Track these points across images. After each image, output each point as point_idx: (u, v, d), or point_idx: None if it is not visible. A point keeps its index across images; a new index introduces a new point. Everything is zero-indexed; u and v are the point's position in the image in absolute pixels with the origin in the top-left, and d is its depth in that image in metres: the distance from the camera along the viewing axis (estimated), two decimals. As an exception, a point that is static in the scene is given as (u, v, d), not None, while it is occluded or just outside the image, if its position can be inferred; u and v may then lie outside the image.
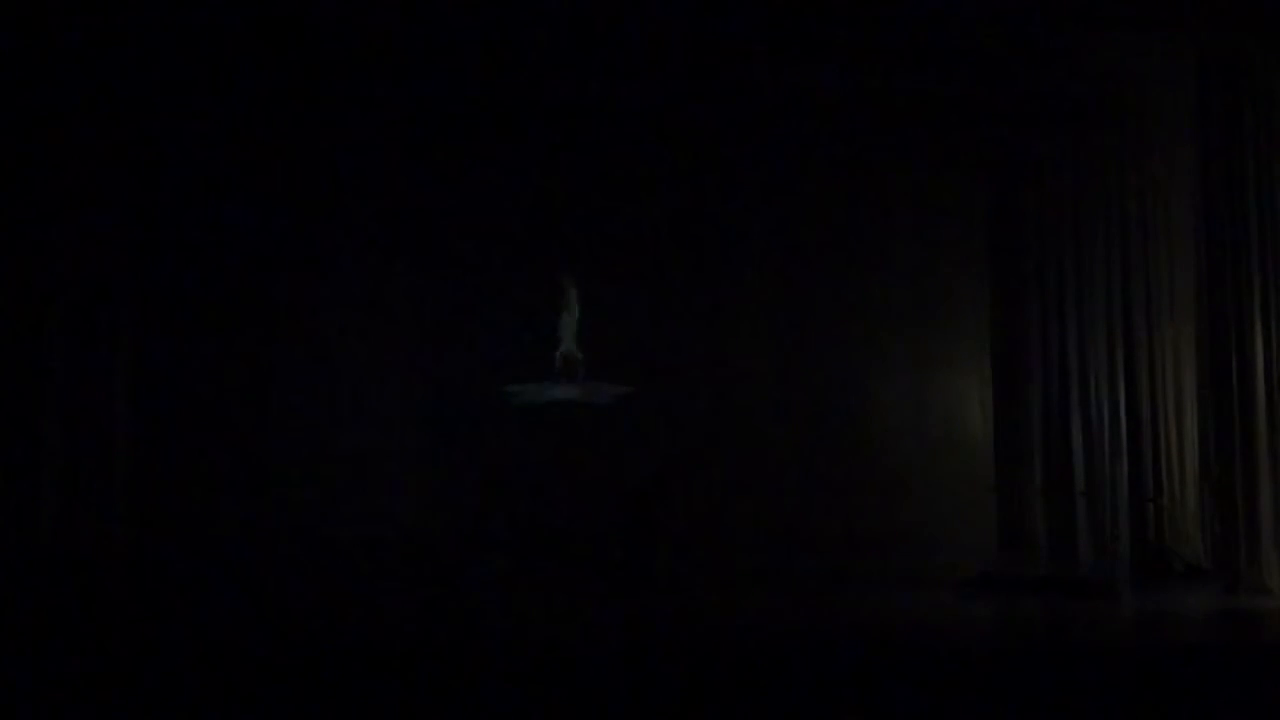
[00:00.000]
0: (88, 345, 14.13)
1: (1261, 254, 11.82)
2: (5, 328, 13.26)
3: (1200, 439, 12.77)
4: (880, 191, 17.43)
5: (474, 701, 8.00)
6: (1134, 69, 13.92)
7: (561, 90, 15.36)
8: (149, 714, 7.86)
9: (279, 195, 16.90)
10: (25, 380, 13.35)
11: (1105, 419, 14.73)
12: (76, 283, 14.01)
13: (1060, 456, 15.44)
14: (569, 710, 7.84)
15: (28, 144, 13.28)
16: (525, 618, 11.17)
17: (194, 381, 16.32)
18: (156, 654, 9.26)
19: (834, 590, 13.01)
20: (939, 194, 17.40)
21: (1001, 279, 16.98)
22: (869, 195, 17.42)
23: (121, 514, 14.68)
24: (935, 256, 17.47)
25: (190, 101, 14.97)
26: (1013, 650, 9.79)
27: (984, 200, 17.31)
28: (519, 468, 16.59)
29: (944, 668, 8.74)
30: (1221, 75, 12.18)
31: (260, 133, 16.05)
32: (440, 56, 14.20)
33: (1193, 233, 12.75)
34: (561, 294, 15.65)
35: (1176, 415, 13.78)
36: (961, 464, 16.93)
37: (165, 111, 15.03)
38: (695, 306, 17.42)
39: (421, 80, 14.93)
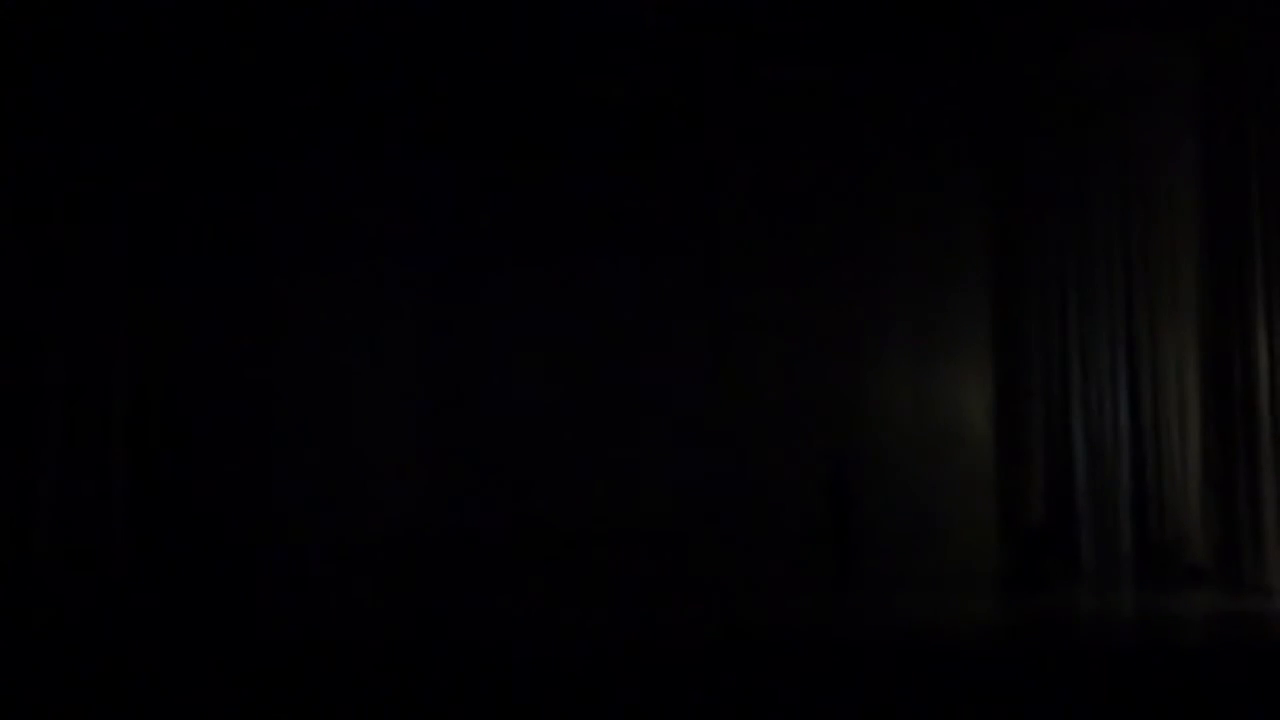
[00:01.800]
0: (88, 346, 14.10)
1: (1264, 253, 11.80)
2: (5, 328, 13.25)
3: (1202, 439, 12.76)
4: (881, 190, 17.40)
5: (477, 701, 7.99)
6: (1134, 69, 13.91)
7: (562, 90, 15.36)
8: (151, 714, 7.85)
9: (280, 194, 16.89)
10: (25, 382, 13.33)
11: (1106, 419, 14.71)
12: (76, 283, 13.99)
13: (1061, 456, 15.42)
14: (573, 710, 7.83)
15: (28, 145, 13.28)
16: (521, 619, 11.18)
17: (194, 382, 16.31)
18: (157, 654, 9.27)
19: (834, 590, 13.00)
20: (939, 193, 17.37)
21: (1002, 279, 16.96)
22: (870, 194, 17.40)
23: (121, 516, 14.63)
24: (935, 255, 17.45)
25: (191, 100, 14.97)
26: (1013, 650, 9.80)
27: (985, 199, 17.29)
28: (519, 466, 16.61)
29: (944, 668, 8.74)
30: (1223, 74, 12.16)
31: (260, 129, 16.05)
32: (441, 56, 14.21)
33: (1193, 233, 12.74)
34: None
35: (1178, 415, 13.76)
36: (962, 463, 16.91)
37: (165, 110, 15.02)
38: (695, 306, 17.40)
39: (422, 79, 14.94)
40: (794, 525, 16.26)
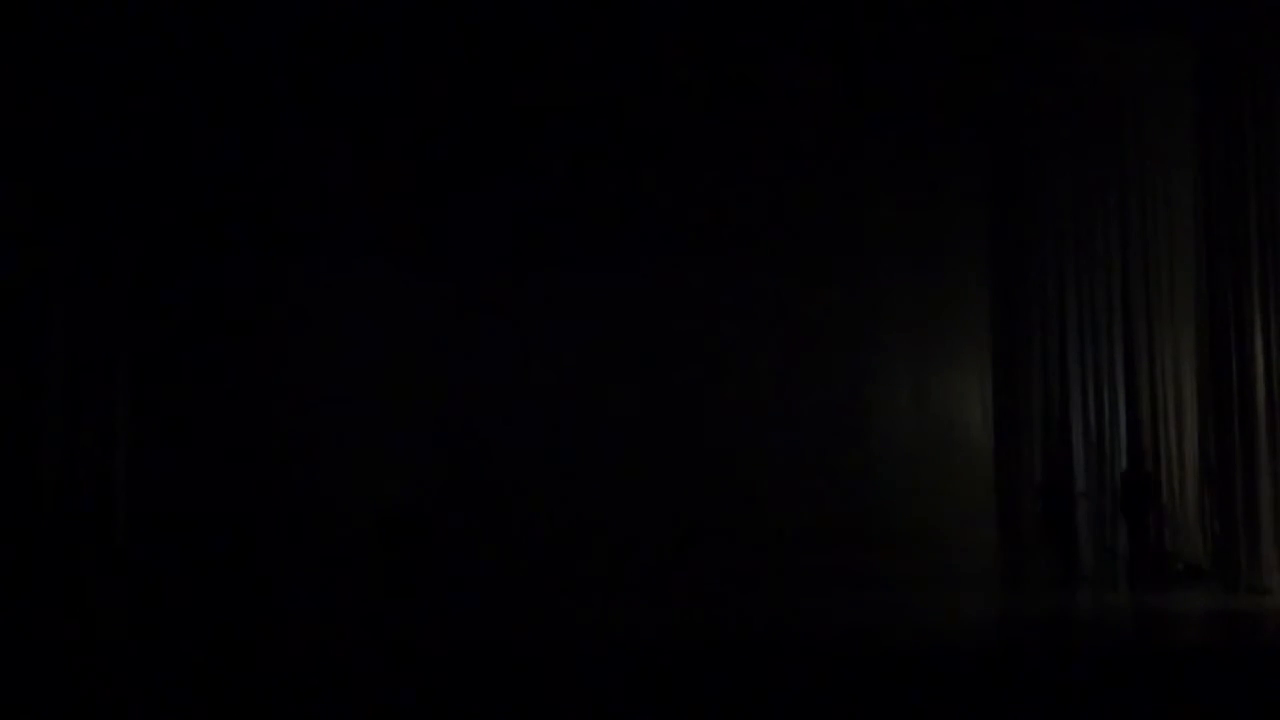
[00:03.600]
0: (88, 345, 14.13)
1: (1261, 254, 11.80)
2: (5, 328, 13.27)
3: (1200, 439, 12.77)
4: (881, 192, 17.43)
5: (474, 696, 8.01)
6: (1134, 69, 13.93)
7: (562, 92, 15.38)
8: (151, 711, 7.87)
9: (278, 196, 16.92)
10: (25, 381, 13.35)
11: (1105, 419, 14.74)
12: (77, 283, 14.01)
13: (1060, 456, 15.44)
14: (573, 709, 7.85)
15: (30, 146, 13.30)
16: (523, 615, 11.19)
17: (193, 381, 16.34)
18: (156, 652, 9.30)
19: (835, 590, 13.01)
20: (940, 194, 17.41)
21: (1001, 279, 16.99)
22: (870, 196, 17.43)
23: (122, 513, 14.67)
24: (935, 256, 17.49)
25: (191, 102, 14.99)
26: (1013, 650, 9.81)
27: (984, 201, 17.33)
28: (518, 463, 16.65)
29: (944, 668, 8.76)
30: (1221, 75, 12.17)
31: (259, 132, 16.07)
32: (441, 60, 14.23)
33: (1193, 233, 12.75)
34: None
35: (1176, 415, 13.76)
36: (961, 464, 16.94)
37: (166, 113, 15.04)
38: (696, 308, 17.43)
39: (420, 83, 14.97)
40: (796, 526, 16.34)
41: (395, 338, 17.10)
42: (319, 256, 17.12)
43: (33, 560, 12.95)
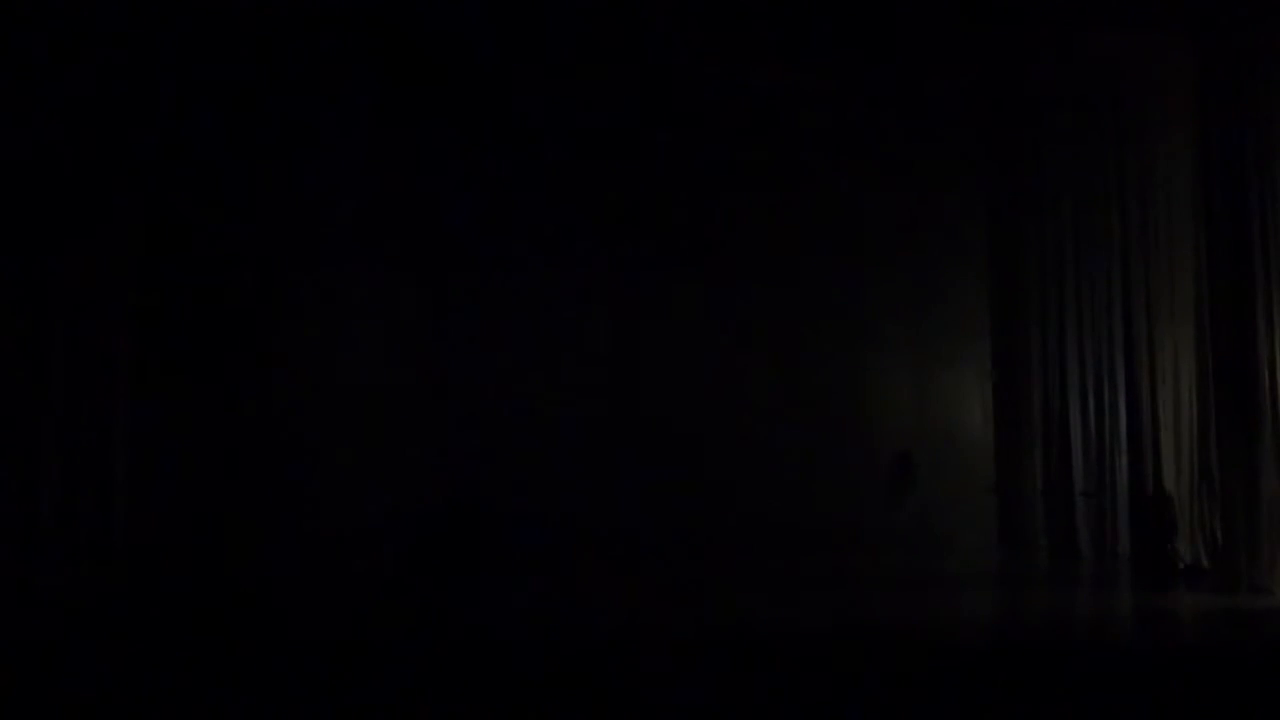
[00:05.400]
0: (88, 345, 14.10)
1: (1263, 254, 11.79)
2: (5, 328, 13.26)
3: (1200, 438, 12.76)
4: (880, 191, 17.42)
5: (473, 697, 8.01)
6: (1134, 69, 13.93)
7: (560, 91, 15.40)
8: (150, 712, 7.87)
9: (277, 196, 16.89)
10: (25, 380, 13.33)
11: (1105, 419, 14.74)
12: (76, 284, 13.99)
13: (1060, 456, 15.44)
14: (568, 709, 7.85)
15: (30, 145, 13.29)
16: (521, 613, 11.19)
17: (194, 381, 16.31)
18: (157, 652, 9.31)
19: (834, 590, 13.02)
20: (939, 194, 17.39)
21: (1001, 279, 16.98)
22: (868, 195, 17.42)
23: (121, 514, 14.63)
24: (935, 256, 17.47)
25: (189, 101, 14.98)
26: (1013, 650, 9.82)
27: (984, 199, 17.31)
28: (519, 464, 16.63)
29: (944, 668, 8.76)
30: (1221, 75, 12.16)
31: (257, 132, 16.07)
32: (441, 57, 14.25)
33: (1193, 233, 12.74)
34: None
35: (1176, 415, 13.76)
36: (961, 464, 16.92)
37: (164, 112, 15.02)
38: (693, 306, 17.42)
39: (420, 84, 14.99)
40: (792, 527, 16.34)
41: (394, 338, 17.10)
42: (320, 258, 17.10)
43: (33, 563, 12.95)
